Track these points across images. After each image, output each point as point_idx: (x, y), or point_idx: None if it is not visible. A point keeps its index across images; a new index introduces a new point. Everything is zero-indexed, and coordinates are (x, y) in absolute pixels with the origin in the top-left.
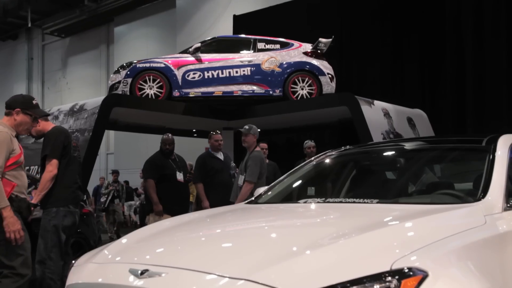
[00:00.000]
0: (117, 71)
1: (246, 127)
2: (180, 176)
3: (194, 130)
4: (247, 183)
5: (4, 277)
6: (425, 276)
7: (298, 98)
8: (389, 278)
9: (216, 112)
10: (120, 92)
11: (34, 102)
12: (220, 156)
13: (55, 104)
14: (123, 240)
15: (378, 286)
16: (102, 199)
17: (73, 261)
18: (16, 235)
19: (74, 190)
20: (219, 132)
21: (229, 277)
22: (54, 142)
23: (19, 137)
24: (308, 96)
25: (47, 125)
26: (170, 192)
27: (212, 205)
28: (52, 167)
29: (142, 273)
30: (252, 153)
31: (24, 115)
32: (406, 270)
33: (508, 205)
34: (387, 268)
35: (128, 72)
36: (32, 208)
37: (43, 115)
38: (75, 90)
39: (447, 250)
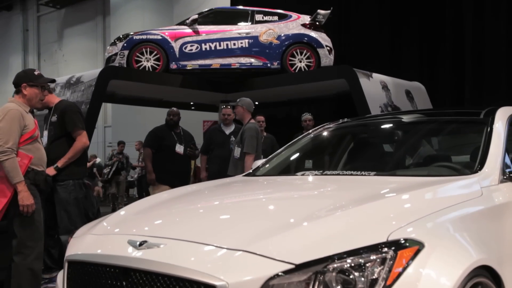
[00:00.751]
0: (114, 43)
1: (238, 99)
2: (179, 148)
3: (191, 103)
4: (248, 156)
5: (16, 254)
6: (421, 247)
7: (296, 71)
8: (386, 249)
9: (213, 85)
10: (117, 65)
11: (36, 73)
12: (228, 129)
13: (51, 77)
14: (122, 212)
15: (374, 257)
16: (105, 170)
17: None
18: (29, 209)
19: (86, 163)
20: (229, 106)
21: (227, 248)
22: (78, 115)
23: (34, 112)
24: (306, 69)
25: (52, 98)
26: (166, 163)
27: (209, 177)
28: (85, 138)
29: (140, 244)
30: (246, 125)
31: (31, 88)
32: (403, 241)
33: (505, 177)
34: (384, 240)
35: (125, 44)
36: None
37: (48, 82)
38: (71, 63)
39: (444, 221)
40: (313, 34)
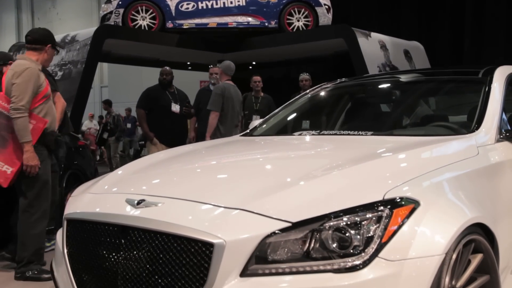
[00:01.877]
0: (109, 1)
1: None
2: (175, 107)
3: (188, 63)
4: (211, 113)
5: (22, 212)
6: (416, 205)
7: (294, 30)
8: (381, 208)
9: (210, 45)
10: (112, 23)
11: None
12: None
13: None
14: (119, 171)
15: (370, 215)
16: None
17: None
18: (32, 170)
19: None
20: (217, 65)
21: (224, 207)
22: (50, 78)
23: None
24: (304, 28)
25: None
26: (163, 123)
27: (197, 138)
28: (62, 99)
29: (138, 203)
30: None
31: (53, 50)
32: (398, 200)
33: (501, 136)
34: (380, 198)
35: (120, 2)
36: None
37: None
38: (66, 21)
39: (439, 180)
40: None
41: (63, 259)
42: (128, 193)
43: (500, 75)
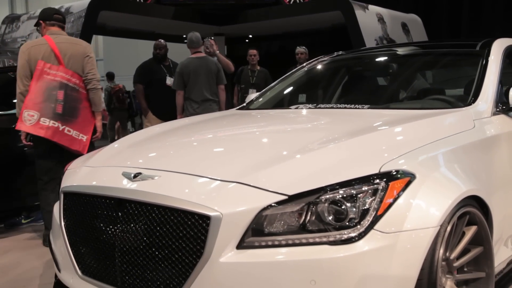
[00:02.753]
0: None
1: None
2: (170, 81)
3: (184, 36)
4: (176, 92)
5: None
6: (412, 178)
7: (291, 3)
8: (377, 181)
9: (206, 17)
10: None
11: None
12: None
13: (39, 7)
14: (115, 145)
15: (366, 188)
16: None
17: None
18: (100, 136)
19: None
20: (211, 38)
21: (220, 180)
22: None
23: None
24: (301, 1)
25: None
26: (159, 97)
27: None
28: None
29: (135, 176)
30: None
31: None
32: (394, 173)
33: (498, 109)
34: (376, 171)
35: None
36: None
37: None
38: None
39: (435, 153)
40: None
41: (61, 231)
42: (124, 166)
43: (497, 48)
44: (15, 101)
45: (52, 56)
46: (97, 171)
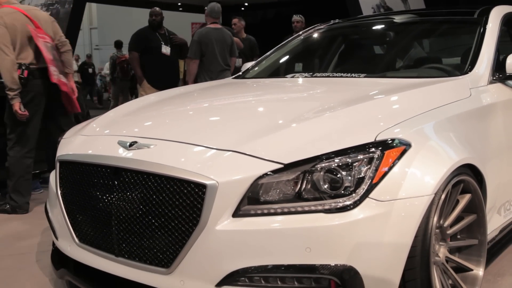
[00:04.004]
0: None
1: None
2: (165, 49)
3: (179, 4)
4: (191, 60)
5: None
6: (407, 147)
7: None
8: (373, 149)
9: None
10: None
11: None
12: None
13: None
14: (110, 113)
15: (361, 156)
16: None
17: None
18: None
19: None
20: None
21: (216, 149)
22: None
23: None
24: None
25: None
26: (154, 65)
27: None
28: None
29: (131, 145)
30: None
31: None
32: (390, 141)
33: (494, 78)
34: (371, 140)
35: None
36: None
37: None
38: None
39: (431, 122)
40: None
41: (57, 200)
42: (120, 135)
43: (495, 15)
44: None
45: (29, 22)
46: (92, 140)
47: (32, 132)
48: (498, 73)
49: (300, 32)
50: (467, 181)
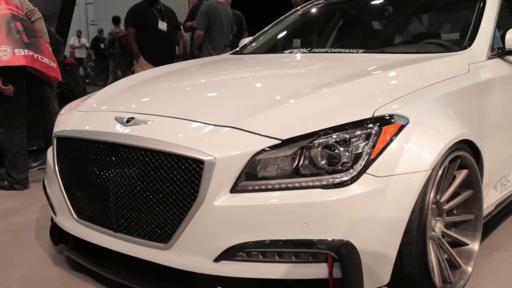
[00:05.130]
0: None
1: None
2: (162, 25)
3: None
4: (196, 30)
5: (52, 118)
6: (405, 123)
7: None
8: (371, 125)
9: None
10: None
11: None
12: None
13: None
14: (107, 89)
15: (359, 132)
16: None
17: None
18: None
19: None
20: None
21: (214, 125)
22: None
23: None
24: None
25: None
26: (150, 41)
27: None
28: None
29: (128, 121)
30: None
31: None
32: (387, 117)
33: (493, 53)
34: (369, 115)
35: None
36: None
37: None
38: None
39: (429, 98)
40: None
41: (55, 176)
42: (117, 111)
43: None
44: None
45: None
46: (89, 116)
47: (18, 108)
48: (497, 48)
49: (298, 7)
50: (464, 156)
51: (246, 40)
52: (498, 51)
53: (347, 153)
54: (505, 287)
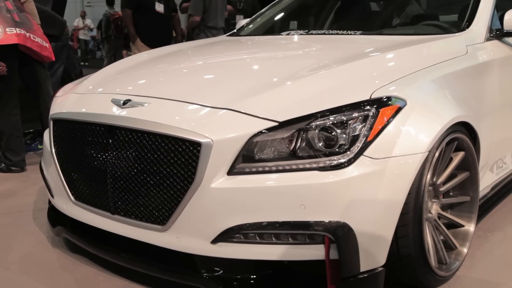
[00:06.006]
0: None
1: None
2: (159, 7)
3: None
4: (192, 17)
5: (45, 100)
6: (402, 105)
7: None
8: (368, 107)
9: None
10: None
11: None
12: None
13: None
14: (103, 71)
15: (356, 114)
16: None
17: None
18: None
19: None
20: None
21: (211, 107)
22: None
23: None
24: None
25: None
26: (147, 23)
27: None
28: None
29: (124, 103)
30: None
31: None
32: (385, 99)
33: (491, 35)
34: (366, 97)
35: None
36: None
37: None
38: None
39: (427, 79)
40: None
41: (52, 158)
42: (113, 93)
43: None
44: None
45: None
46: (86, 98)
47: (12, 89)
48: (496, 30)
49: None
50: (461, 139)
51: (242, 22)
52: (497, 32)
53: (344, 135)
54: (500, 268)
